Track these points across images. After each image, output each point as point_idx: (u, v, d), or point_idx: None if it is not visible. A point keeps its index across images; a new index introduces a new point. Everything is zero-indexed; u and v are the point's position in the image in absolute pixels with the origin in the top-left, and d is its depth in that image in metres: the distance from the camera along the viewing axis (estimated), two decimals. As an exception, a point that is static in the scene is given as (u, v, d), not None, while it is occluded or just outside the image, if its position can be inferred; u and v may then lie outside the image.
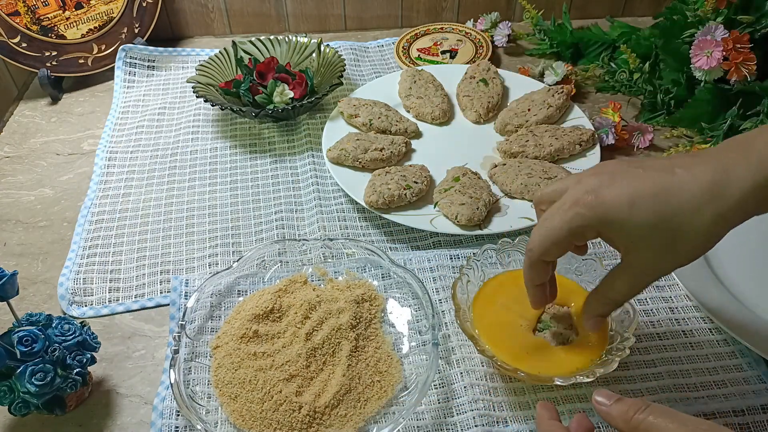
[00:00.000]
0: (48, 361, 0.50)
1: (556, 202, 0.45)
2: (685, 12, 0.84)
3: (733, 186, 0.39)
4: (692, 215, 0.40)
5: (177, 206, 0.76)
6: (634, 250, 0.43)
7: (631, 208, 0.41)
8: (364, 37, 1.10)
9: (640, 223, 0.41)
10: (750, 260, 0.65)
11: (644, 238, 0.41)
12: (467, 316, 0.55)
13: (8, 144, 0.88)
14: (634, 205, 0.40)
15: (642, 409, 0.37)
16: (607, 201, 0.41)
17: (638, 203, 0.40)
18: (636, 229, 0.41)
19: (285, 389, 0.54)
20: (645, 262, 0.43)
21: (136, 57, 0.99)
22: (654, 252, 0.42)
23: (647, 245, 0.41)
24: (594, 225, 0.42)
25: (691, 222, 0.40)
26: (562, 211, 0.44)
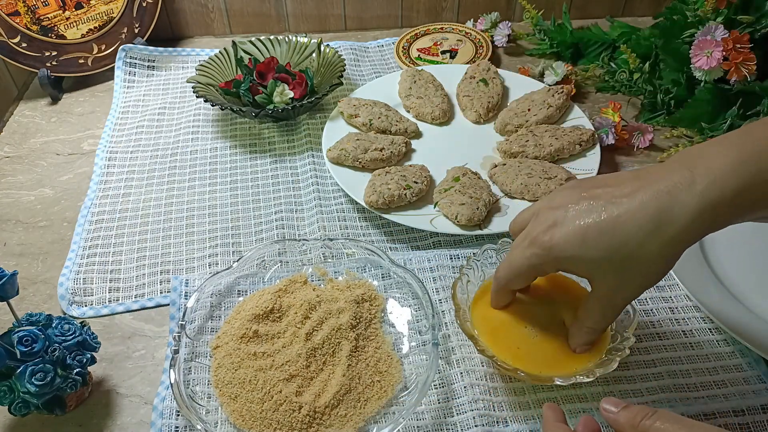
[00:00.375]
0: (48, 361, 0.50)
1: (520, 235, 0.48)
2: (685, 12, 0.84)
3: (677, 213, 0.40)
4: (640, 246, 0.41)
5: (177, 206, 0.76)
6: (595, 279, 0.45)
7: (581, 246, 0.43)
8: (364, 37, 1.10)
9: (593, 258, 0.43)
10: (750, 260, 0.65)
11: (600, 270, 0.44)
12: (467, 316, 0.55)
13: (8, 144, 0.88)
14: (584, 243, 0.43)
15: (649, 415, 0.37)
16: (560, 242, 0.44)
17: (588, 240, 0.43)
18: (591, 263, 0.44)
19: (285, 389, 0.54)
20: (609, 289, 0.45)
21: (136, 57, 0.99)
22: (614, 280, 0.44)
23: (605, 275, 0.44)
24: (551, 263, 0.46)
25: (640, 252, 0.41)
26: (521, 248, 0.47)
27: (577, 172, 0.74)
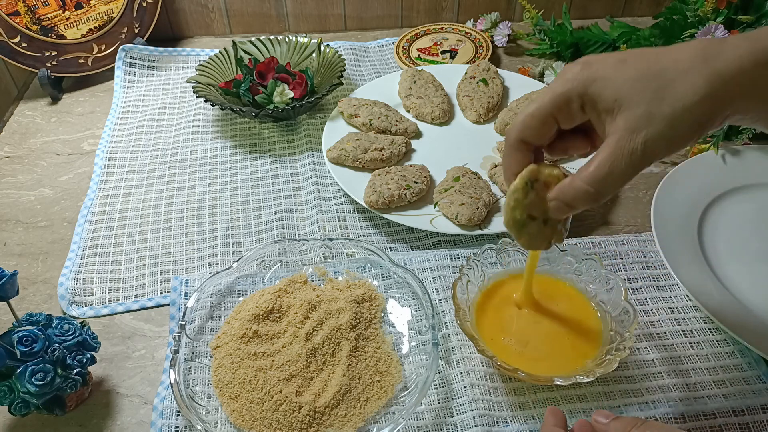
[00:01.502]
0: (48, 361, 0.50)
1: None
2: (685, 12, 0.84)
3: (726, 51, 0.36)
4: (685, 73, 0.37)
5: (177, 206, 0.76)
6: (622, 107, 0.38)
7: (618, 66, 0.38)
8: (364, 37, 1.10)
9: (628, 77, 0.38)
10: (750, 260, 0.65)
11: (632, 91, 0.38)
12: (467, 316, 0.55)
13: (8, 144, 0.88)
14: (622, 63, 0.38)
15: (638, 425, 0.38)
16: (594, 65, 0.39)
17: (627, 61, 0.38)
18: (623, 84, 0.38)
19: (285, 389, 0.54)
20: (633, 120, 0.37)
21: (136, 57, 0.99)
22: (643, 109, 0.37)
23: (634, 101, 0.37)
24: (579, 88, 0.39)
25: (684, 78, 0.37)
26: (546, 88, 0.41)
27: None
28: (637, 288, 0.64)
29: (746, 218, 0.70)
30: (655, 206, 0.68)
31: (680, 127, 0.37)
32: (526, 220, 0.44)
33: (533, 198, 0.43)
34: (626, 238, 0.69)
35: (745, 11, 0.80)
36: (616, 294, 0.56)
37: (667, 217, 0.68)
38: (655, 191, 0.70)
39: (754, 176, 0.74)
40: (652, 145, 0.37)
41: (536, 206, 0.44)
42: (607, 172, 0.38)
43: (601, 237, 0.69)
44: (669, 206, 0.69)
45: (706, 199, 0.72)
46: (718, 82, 0.36)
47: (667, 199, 0.70)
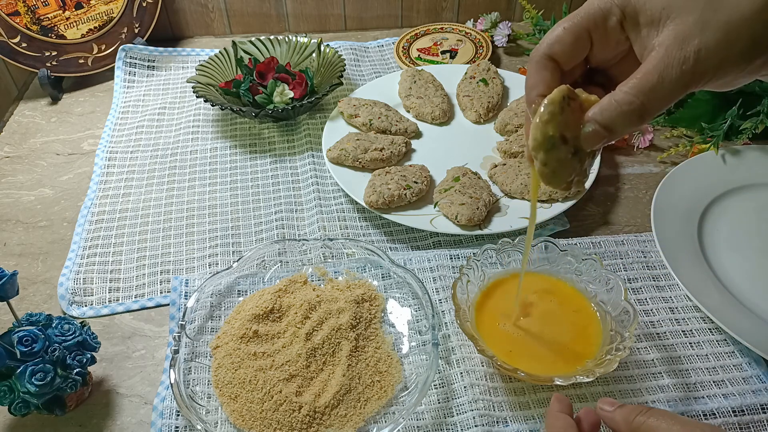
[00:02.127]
0: (48, 361, 0.50)
1: None
2: (685, 12, 0.84)
3: None
4: None
5: (177, 206, 0.76)
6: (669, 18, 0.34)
7: None
8: (364, 37, 1.10)
9: None
10: (750, 260, 0.66)
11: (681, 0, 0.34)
12: (467, 316, 0.55)
13: (8, 144, 0.88)
14: None
15: (643, 411, 0.38)
16: None
17: None
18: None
19: (285, 389, 0.54)
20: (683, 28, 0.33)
21: (136, 57, 0.99)
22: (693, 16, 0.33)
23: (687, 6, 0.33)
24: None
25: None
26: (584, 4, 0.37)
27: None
28: (637, 288, 0.64)
29: (746, 218, 0.70)
30: (655, 206, 0.68)
31: (737, 39, 0.33)
32: (558, 142, 0.37)
33: (569, 116, 0.37)
34: (626, 238, 0.69)
35: (745, 11, 0.80)
36: (616, 294, 0.56)
37: (667, 217, 0.68)
38: (655, 191, 0.70)
39: (754, 176, 0.74)
40: (705, 55, 0.33)
41: (570, 127, 0.37)
42: (657, 81, 0.34)
43: (601, 237, 0.69)
44: (669, 206, 0.69)
45: (706, 199, 0.72)
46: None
47: (667, 199, 0.70)
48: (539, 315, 0.57)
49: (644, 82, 0.34)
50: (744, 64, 0.34)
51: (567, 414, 0.42)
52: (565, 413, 0.42)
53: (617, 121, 0.35)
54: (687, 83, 0.34)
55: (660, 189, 0.71)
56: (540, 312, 0.57)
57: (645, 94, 0.34)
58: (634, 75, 0.35)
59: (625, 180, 0.78)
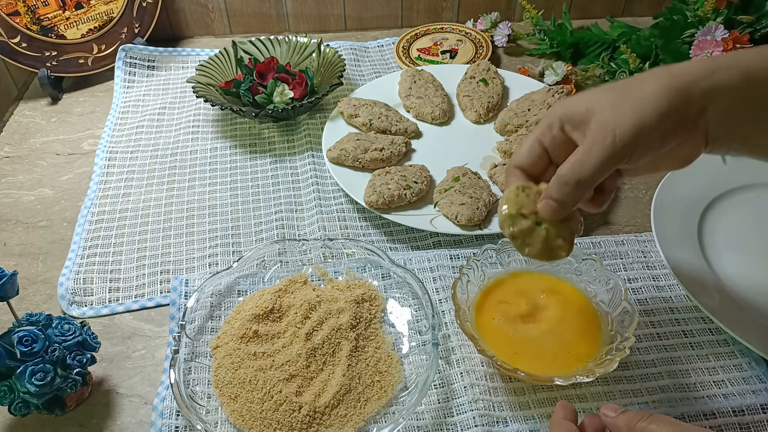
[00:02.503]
0: (48, 361, 0.50)
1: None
2: (685, 12, 0.84)
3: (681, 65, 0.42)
4: (646, 79, 0.42)
5: (177, 206, 0.76)
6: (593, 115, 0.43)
7: (590, 91, 0.44)
8: (364, 37, 1.10)
9: (596, 93, 0.44)
10: (750, 260, 0.65)
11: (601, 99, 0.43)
12: (467, 316, 0.55)
13: (8, 144, 0.88)
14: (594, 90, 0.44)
15: (645, 417, 0.39)
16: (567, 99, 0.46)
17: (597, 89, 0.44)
18: (593, 97, 0.44)
19: (285, 389, 0.54)
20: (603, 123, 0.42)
21: (136, 57, 0.99)
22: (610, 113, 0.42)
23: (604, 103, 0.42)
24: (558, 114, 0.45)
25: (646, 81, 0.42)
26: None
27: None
28: (637, 288, 0.64)
29: (746, 218, 0.70)
30: (655, 206, 0.68)
31: (645, 115, 0.41)
32: (517, 218, 0.45)
33: (524, 199, 0.45)
34: (626, 238, 0.69)
35: (745, 11, 0.80)
36: (616, 294, 0.56)
37: (667, 217, 0.68)
38: (655, 191, 0.70)
39: (754, 176, 0.74)
40: (621, 134, 0.41)
41: (527, 206, 0.46)
42: (584, 159, 0.42)
43: (601, 237, 0.69)
44: (669, 206, 0.69)
45: (706, 199, 0.72)
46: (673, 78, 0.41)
47: (667, 199, 0.70)
48: (539, 315, 0.57)
49: (575, 161, 0.42)
50: (658, 145, 0.42)
51: (571, 421, 0.43)
52: (569, 420, 0.43)
53: (560, 194, 0.43)
54: (610, 158, 0.41)
55: (660, 189, 0.71)
56: (540, 312, 0.57)
57: (577, 171, 0.42)
58: (571, 157, 0.43)
59: (625, 180, 0.78)
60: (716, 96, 0.41)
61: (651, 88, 0.41)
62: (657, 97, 0.41)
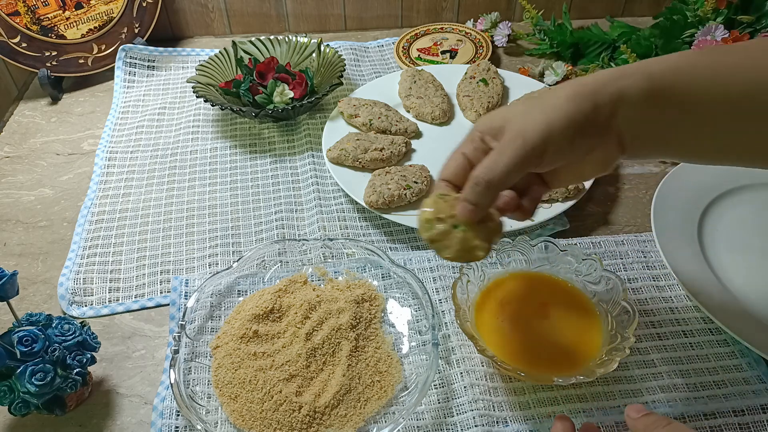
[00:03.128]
0: (48, 361, 0.50)
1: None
2: (685, 12, 0.84)
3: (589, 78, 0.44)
4: (555, 90, 0.45)
5: (177, 206, 0.76)
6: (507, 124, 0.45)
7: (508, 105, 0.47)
8: (364, 37, 1.10)
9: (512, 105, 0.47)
10: (750, 260, 0.65)
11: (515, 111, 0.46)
12: (467, 316, 0.55)
13: (8, 144, 0.88)
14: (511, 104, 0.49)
15: (663, 425, 0.39)
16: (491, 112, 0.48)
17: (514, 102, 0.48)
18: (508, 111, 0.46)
19: (285, 389, 0.54)
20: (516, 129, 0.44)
21: (136, 57, 0.99)
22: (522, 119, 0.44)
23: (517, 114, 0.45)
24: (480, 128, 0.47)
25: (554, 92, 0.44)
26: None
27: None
28: (637, 288, 0.64)
29: (746, 218, 0.70)
30: (655, 206, 0.68)
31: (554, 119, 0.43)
32: (434, 222, 0.47)
33: (442, 205, 0.48)
34: (626, 238, 0.69)
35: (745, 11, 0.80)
36: (616, 294, 0.56)
37: (667, 217, 0.68)
38: (655, 191, 0.70)
39: (754, 176, 0.74)
40: (530, 136, 0.43)
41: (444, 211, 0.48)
42: (494, 163, 0.44)
43: (601, 237, 0.69)
44: (669, 206, 0.69)
45: (706, 199, 0.72)
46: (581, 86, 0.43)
47: (667, 199, 0.70)
48: (539, 315, 0.57)
49: (487, 164, 0.44)
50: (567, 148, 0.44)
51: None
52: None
53: (473, 195, 0.45)
54: (520, 160, 0.43)
55: (660, 189, 0.71)
56: (540, 312, 0.57)
57: (488, 173, 0.44)
58: (483, 160, 0.45)
59: (625, 180, 0.78)
60: (623, 100, 0.43)
61: (560, 95, 0.44)
62: (565, 102, 0.43)
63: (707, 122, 0.44)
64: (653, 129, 0.44)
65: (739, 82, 0.42)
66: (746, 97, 0.42)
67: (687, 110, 0.43)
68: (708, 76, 0.43)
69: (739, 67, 0.43)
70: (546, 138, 0.43)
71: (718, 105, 0.43)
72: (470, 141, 0.47)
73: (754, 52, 0.43)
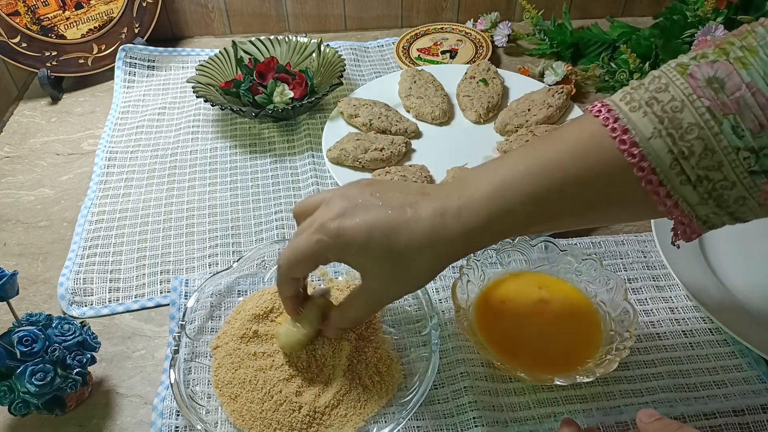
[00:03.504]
0: (48, 361, 0.50)
1: (306, 221, 0.48)
2: (685, 12, 0.84)
3: (445, 234, 0.44)
4: (416, 255, 0.45)
5: (177, 206, 0.76)
6: (368, 277, 0.48)
7: (366, 243, 0.45)
8: (364, 37, 1.10)
9: (375, 257, 0.45)
10: (750, 260, 0.66)
11: (377, 269, 0.47)
12: (467, 316, 0.55)
13: (8, 144, 0.88)
14: (369, 239, 0.45)
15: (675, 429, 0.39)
16: (347, 232, 0.45)
17: (373, 238, 0.44)
18: (370, 262, 0.46)
19: (285, 389, 0.54)
20: (377, 288, 0.48)
21: (136, 57, 0.99)
22: (385, 281, 0.47)
23: (379, 275, 0.47)
24: (335, 250, 0.46)
25: (415, 260, 0.45)
26: (308, 233, 0.47)
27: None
28: (637, 288, 0.64)
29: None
30: (655, 206, 0.68)
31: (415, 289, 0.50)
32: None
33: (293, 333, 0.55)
34: (626, 238, 0.69)
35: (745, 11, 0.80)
36: (616, 294, 0.56)
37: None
38: (655, 191, 0.70)
39: (754, 176, 0.74)
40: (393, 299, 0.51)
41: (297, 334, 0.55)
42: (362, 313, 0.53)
43: (601, 237, 0.69)
44: (669, 206, 0.69)
45: (706, 199, 0.72)
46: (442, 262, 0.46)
47: (667, 199, 0.70)
48: (539, 315, 0.57)
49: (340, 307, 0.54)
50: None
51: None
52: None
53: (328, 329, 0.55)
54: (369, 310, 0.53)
55: (660, 189, 0.70)
56: (540, 312, 0.57)
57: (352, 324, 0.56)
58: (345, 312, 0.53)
59: (625, 180, 0.78)
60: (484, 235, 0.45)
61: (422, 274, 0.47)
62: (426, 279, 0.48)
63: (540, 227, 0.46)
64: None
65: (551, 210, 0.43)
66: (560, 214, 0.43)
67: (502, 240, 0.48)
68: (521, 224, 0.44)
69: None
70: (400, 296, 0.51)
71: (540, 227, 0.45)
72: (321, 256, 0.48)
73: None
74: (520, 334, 0.55)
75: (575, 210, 0.43)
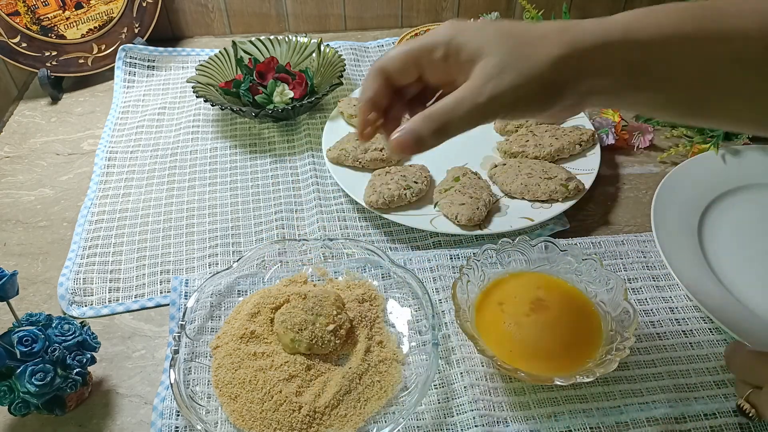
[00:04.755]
0: (48, 361, 0.50)
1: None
2: (685, 12, 0.84)
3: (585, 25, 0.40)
4: (542, 38, 0.40)
5: (177, 206, 0.76)
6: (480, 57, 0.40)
7: (484, 26, 0.41)
8: (364, 37, 1.10)
9: (493, 32, 0.40)
10: (750, 260, 0.66)
11: (494, 43, 0.40)
12: (467, 316, 0.55)
13: (8, 144, 0.88)
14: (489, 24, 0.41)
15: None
16: (462, 24, 0.42)
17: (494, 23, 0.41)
18: (487, 36, 0.40)
19: (285, 389, 0.54)
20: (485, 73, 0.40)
21: (136, 57, 0.99)
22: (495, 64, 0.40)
23: (495, 50, 0.40)
24: (447, 38, 0.41)
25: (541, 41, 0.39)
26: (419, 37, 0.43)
27: (577, 172, 0.74)
28: (637, 288, 0.64)
29: (746, 218, 0.70)
30: (655, 206, 0.68)
31: (528, 84, 0.39)
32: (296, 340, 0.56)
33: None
34: (626, 238, 0.69)
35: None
36: (616, 294, 0.56)
37: (667, 217, 0.68)
38: (655, 191, 0.70)
39: (754, 176, 0.74)
40: (496, 95, 0.39)
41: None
42: (452, 109, 0.40)
43: (601, 237, 0.69)
44: (669, 206, 0.69)
45: (706, 199, 0.72)
46: (570, 50, 0.39)
47: (667, 199, 0.70)
48: (539, 315, 0.57)
49: (442, 107, 0.40)
50: (536, 107, 0.41)
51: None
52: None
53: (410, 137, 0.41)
54: (477, 115, 0.40)
55: (660, 189, 0.71)
56: (540, 312, 0.57)
57: (442, 116, 0.40)
58: (441, 100, 0.41)
59: (625, 180, 0.78)
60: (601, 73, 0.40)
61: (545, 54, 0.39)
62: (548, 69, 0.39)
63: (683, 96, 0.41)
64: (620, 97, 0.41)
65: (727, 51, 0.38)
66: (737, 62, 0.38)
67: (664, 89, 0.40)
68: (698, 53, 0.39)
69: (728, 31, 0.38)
70: (512, 108, 0.40)
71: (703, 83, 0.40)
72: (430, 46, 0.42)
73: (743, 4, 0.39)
74: (520, 334, 0.55)
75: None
